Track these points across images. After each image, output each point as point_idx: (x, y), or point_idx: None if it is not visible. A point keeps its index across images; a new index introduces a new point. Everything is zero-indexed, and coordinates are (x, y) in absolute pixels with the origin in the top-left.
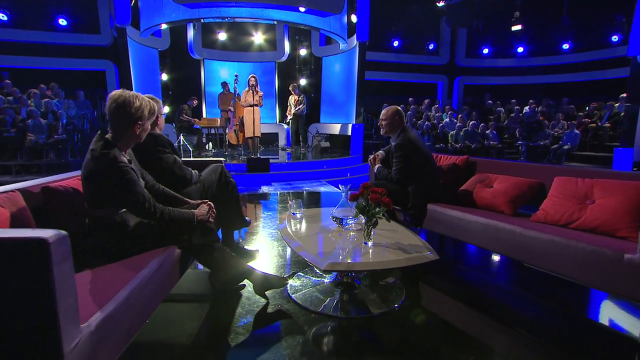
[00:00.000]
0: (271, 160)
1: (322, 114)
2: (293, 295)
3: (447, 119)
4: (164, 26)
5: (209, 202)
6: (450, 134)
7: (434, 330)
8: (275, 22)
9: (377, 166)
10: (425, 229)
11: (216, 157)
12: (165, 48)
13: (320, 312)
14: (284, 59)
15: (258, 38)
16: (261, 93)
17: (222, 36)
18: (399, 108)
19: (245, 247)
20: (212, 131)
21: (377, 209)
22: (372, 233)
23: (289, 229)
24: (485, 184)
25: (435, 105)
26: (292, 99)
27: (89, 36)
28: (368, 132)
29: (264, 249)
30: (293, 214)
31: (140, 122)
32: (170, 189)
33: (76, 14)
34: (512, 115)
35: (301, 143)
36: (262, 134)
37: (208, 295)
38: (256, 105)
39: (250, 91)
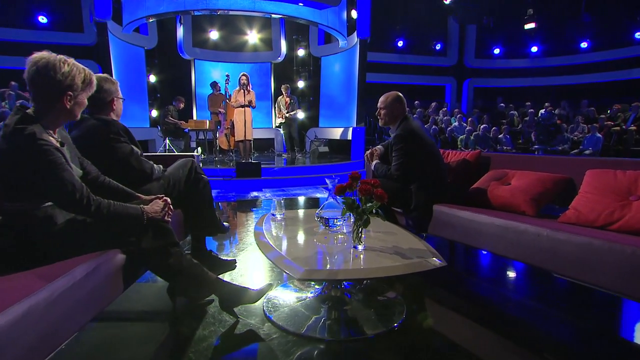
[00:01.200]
0: (263, 165)
1: (322, 117)
2: (270, 314)
3: (456, 123)
4: (150, 20)
5: (165, 198)
6: (460, 139)
7: (441, 356)
8: (269, 16)
9: (374, 162)
10: (431, 235)
11: (205, 163)
12: (153, 47)
13: (302, 334)
14: (280, 59)
15: (252, 37)
16: (253, 93)
17: (214, 35)
18: (400, 94)
19: (222, 257)
20: (202, 135)
21: (369, 204)
22: (362, 235)
23: (264, 231)
24: (501, 181)
25: (443, 109)
26: (283, 100)
27: (72, 35)
28: (370, 137)
29: (244, 259)
30: (272, 215)
31: (70, 93)
32: (126, 186)
33: (58, 10)
34: (527, 118)
35: (296, 149)
36: (256, 139)
37: (163, 312)
38: (247, 106)
39: (241, 91)
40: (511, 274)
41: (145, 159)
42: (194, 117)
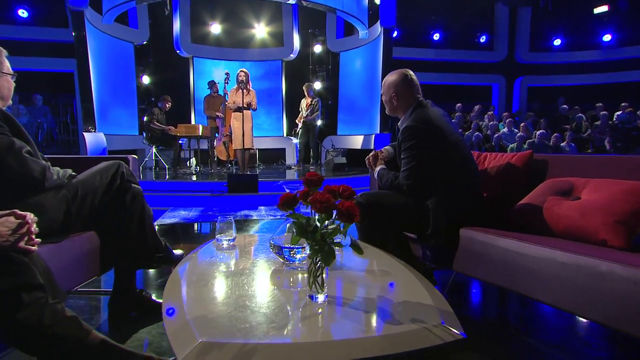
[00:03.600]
0: (264, 178)
1: (340, 124)
2: None
3: (505, 129)
4: (137, 3)
5: (19, 212)
6: (510, 148)
7: None
8: None
9: (377, 168)
10: (457, 272)
11: (200, 176)
12: (144, 42)
13: None
14: (293, 56)
15: (260, 30)
16: (254, 92)
17: (216, 29)
18: (408, 73)
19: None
20: (204, 144)
21: (331, 227)
22: (324, 276)
23: (181, 271)
24: (565, 194)
25: (489, 112)
26: (305, 102)
27: (55, 30)
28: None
29: None
30: (217, 240)
31: None
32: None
33: (39, 4)
34: (598, 122)
35: (312, 160)
36: (264, 149)
37: None
38: (247, 108)
39: (239, 90)
40: (590, 345)
41: (37, 158)
42: (192, 123)
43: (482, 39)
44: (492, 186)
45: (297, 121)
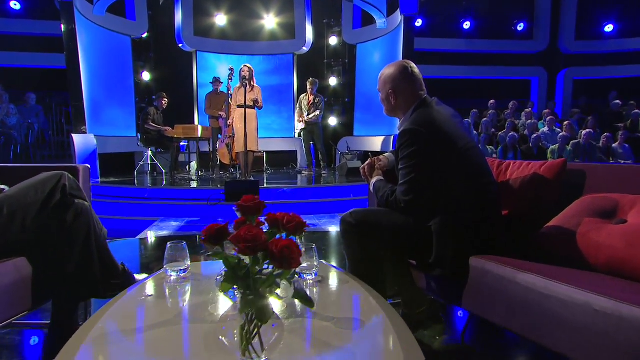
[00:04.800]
0: (271, 185)
1: (357, 124)
2: None
3: (546, 128)
4: None
5: None
6: (550, 149)
7: None
8: None
9: (374, 180)
10: (468, 311)
11: (201, 182)
12: (142, 35)
13: None
14: (305, 49)
15: (270, 22)
16: (259, 89)
17: (221, 20)
18: (408, 64)
19: None
20: (205, 146)
21: (262, 272)
22: (254, 338)
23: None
24: (606, 214)
25: (527, 110)
26: (306, 99)
27: (50, 23)
28: None
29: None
30: (166, 271)
31: None
32: None
33: None
34: None
35: (322, 164)
36: (273, 152)
37: None
38: (250, 107)
39: (242, 87)
40: None
41: None
42: (196, 123)
43: (520, 27)
44: (513, 203)
45: (298, 121)
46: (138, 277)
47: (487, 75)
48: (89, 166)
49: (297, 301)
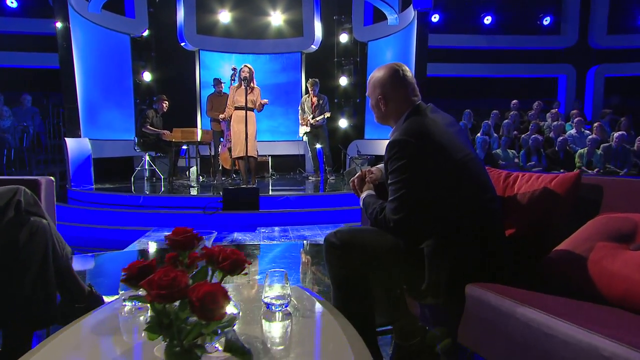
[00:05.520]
0: (277, 192)
1: (368, 126)
2: None
3: (574, 130)
4: None
5: None
6: (578, 153)
7: None
8: None
9: (364, 194)
10: (463, 346)
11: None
12: (142, 34)
13: None
14: (314, 47)
15: (276, 18)
16: (258, 90)
17: (225, 17)
18: (400, 67)
19: None
20: (205, 150)
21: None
22: None
23: None
24: (623, 238)
25: (553, 110)
26: (309, 101)
27: (47, 22)
28: None
29: None
30: (120, 301)
31: None
32: None
33: None
34: None
35: (328, 169)
36: (280, 156)
37: None
38: (250, 109)
39: (242, 87)
40: None
41: None
42: (199, 126)
43: (546, 21)
44: (519, 222)
45: (301, 124)
46: (108, 299)
47: (510, 74)
48: (52, 179)
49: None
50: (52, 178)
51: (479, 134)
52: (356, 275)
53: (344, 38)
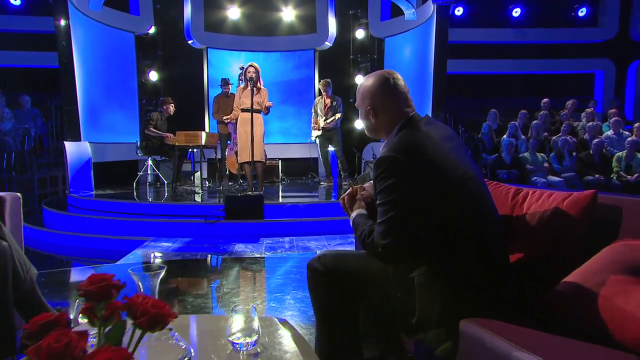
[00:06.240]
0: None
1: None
2: None
3: (611, 132)
4: None
5: None
6: (616, 157)
7: None
8: None
9: (354, 214)
10: None
11: (208, 192)
12: (147, 31)
13: None
14: (328, 44)
15: (288, 14)
16: (265, 91)
17: (234, 13)
18: (391, 75)
19: None
20: (200, 154)
21: None
22: None
23: None
24: None
25: (588, 109)
26: (322, 102)
27: (51, 19)
28: None
29: None
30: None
31: None
32: None
33: None
34: None
35: (343, 174)
36: (291, 159)
37: None
38: (257, 111)
39: (248, 88)
40: None
41: None
42: (206, 129)
43: (582, 12)
44: (525, 246)
45: (313, 127)
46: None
47: (540, 70)
48: (19, 195)
49: None
50: (18, 194)
51: (505, 136)
52: (342, 305)
53: (360, 34)
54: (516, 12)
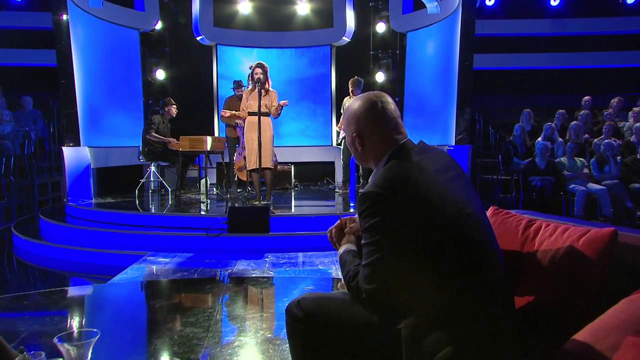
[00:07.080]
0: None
1: (407, 129)
2: None
3: None
4: None
5: None
6: None
7: None
8: None
9: (342, 249)
10: None
11: (214, 201)
12: (153, 28)
13: None
14: (346, 39)
15: (303, 8)
16: (275, 93)
17: (245, 7)
18: (379, 98)
19: None
20: (205, 160)
21: None
22: None
23: None
24: None
25: (637, 108)
26: (348, 103)
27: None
28: (484, 160)
29: None
30: None
31: None
32: None
33: None
34: None
35: (361, 180)
36: (306, 163)
37: None
38: (265, 114)
39: (256, 90)
40: None
41: None
42: (216, 132)
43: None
44: (532, 292)
45: (338, 129)
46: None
47: (581, 65)
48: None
49: None
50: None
51: (539, 139)
52: (320, 357)
53: (380, 28)
54: (555, 1)
